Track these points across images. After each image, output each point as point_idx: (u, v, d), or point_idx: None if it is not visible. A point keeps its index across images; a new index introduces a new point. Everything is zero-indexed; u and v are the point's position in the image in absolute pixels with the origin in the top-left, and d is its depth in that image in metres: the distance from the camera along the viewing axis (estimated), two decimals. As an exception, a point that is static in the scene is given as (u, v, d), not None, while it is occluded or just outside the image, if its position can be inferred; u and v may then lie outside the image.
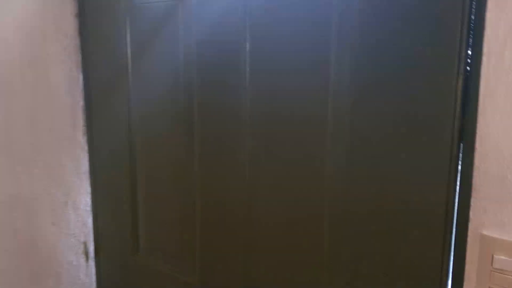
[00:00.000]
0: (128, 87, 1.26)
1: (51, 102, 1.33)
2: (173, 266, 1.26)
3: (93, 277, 1.47)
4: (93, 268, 1.46)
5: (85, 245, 1.44)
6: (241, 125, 1.03)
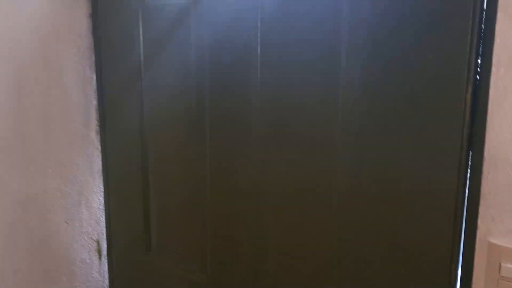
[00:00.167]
0: (141, 87, 1.30)
1: (64, 101, 1.37)
2: (184, 265, 1.30)
3: (106, 275, 1.52)
4: (106, 266, 1.52)
5: (98, 243, 1.49)
6: (251, 127, 1.06)
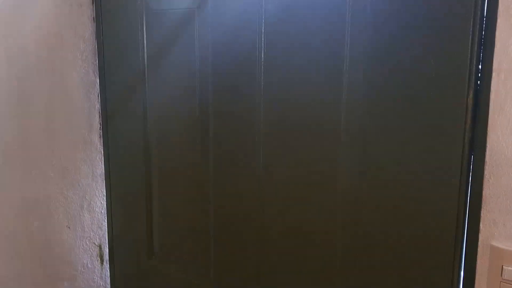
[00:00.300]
0: (144, 91, 1.32)
1: (67, 105, 1.40)
2: (188, 270, 1.31)
3: (108, 280, 1.54)
4: (108, 271, 1.53)
5: (100, 248, 1.51)
6: (255, 132, 1.08)
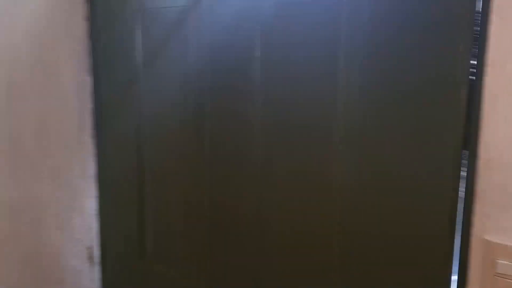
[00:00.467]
0: (138, 91, 1.33)
1: (59, 105, 1.40)
2: (181, 271, 1.31)
3: (98, 283, 1.53)
4: (98, 273, 1.53)
5: (90, 250, 1.51)
6: (252, 130, 1.09)
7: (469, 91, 0.78)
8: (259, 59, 1.05)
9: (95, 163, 1.48)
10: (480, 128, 0.77)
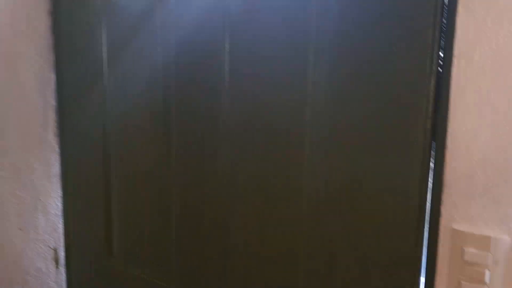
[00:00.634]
0: (103, 88, 1.29)
1: (20, 102, 1.35)
2: (150, 270, 1.29)
3: (64, 284, 1.48)
4: (64, 275, 1.48)
5: (55, 251, 1.46)
6: (219, 126, 1.08)
7: (437, 82, 0.79)
8: (226, 53, 1.03)
9: (59, 162, 1.43)
10: (447, 119, 0.77)
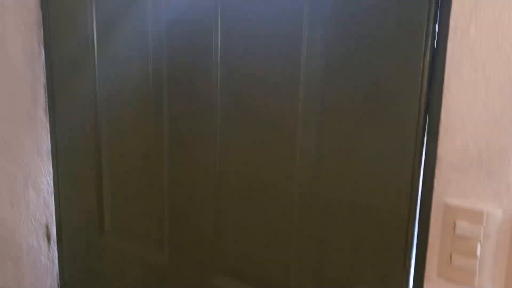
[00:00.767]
0: (93, 65, 1.27)
1: (9, 76, 1.32)
2: (141, 246, 1.28)
3: (55, 260, 1.47)
4: (55, 251, 1.47)
5: (47, 227, 1.44)
6: (211, 104, 1.06)
7: (432, 56, 0.77)
8: (218, 32, 1.01)
9: (50, 139, 1.40)
10: (442, 93, 0.76)
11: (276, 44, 0.95)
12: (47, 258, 1.46)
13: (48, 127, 1.40)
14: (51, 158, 1.42)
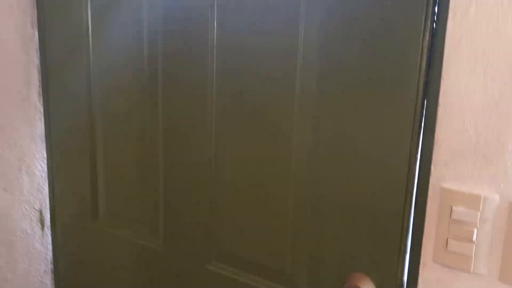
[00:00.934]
0: (88, 49, 1.25)
1: (1, 57, 1.30)
2: (136, 231, 1.27)
3: (49, 247, 1.46)
4: (49, 237, 1.46)
5: (41, 212, 1.43)
6: (206, 91, 1.05)
7: (431, 38, 0.76)
8: (215, 17, 1.00)
9: (43, 123, 1.39)
10: (441, 75, 0.75)
11: (272, 36, 0.94)
12: (40, 243, 1.45)
13: (42, 110, 1.38)
14: (44, 142, 1.40)
